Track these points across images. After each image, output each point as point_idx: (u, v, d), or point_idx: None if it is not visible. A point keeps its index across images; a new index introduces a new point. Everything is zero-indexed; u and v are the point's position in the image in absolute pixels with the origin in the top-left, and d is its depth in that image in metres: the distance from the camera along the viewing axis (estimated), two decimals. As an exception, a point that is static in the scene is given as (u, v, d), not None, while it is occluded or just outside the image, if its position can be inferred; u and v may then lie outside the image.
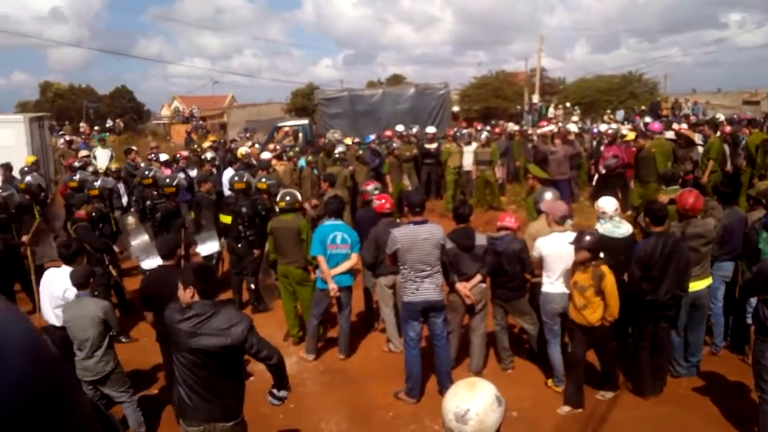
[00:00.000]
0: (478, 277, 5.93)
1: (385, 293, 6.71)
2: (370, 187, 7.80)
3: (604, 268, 5.17)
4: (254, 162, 12.04)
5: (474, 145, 13.47)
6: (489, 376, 6.09)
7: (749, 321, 5.54)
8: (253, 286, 8.14)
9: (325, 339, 7.11)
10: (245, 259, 8.09)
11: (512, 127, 17.78)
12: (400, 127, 15.10)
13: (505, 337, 6.27)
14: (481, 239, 5.97)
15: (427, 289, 5.46)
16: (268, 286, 7.84)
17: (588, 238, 5.19)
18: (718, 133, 11.35)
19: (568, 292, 5.59)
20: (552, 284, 5.63)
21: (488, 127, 16.95)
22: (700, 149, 10.90)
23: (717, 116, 15.86)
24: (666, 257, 5.24)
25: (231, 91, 57.81)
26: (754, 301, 5.16)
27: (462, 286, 5.89)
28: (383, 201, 6.84)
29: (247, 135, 24.66)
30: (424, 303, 5.49)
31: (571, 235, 5.67)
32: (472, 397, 2.22)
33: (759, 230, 5.81)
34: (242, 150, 13.55)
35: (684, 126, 13.91)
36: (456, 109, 25.90)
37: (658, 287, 5.27)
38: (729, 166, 10.87)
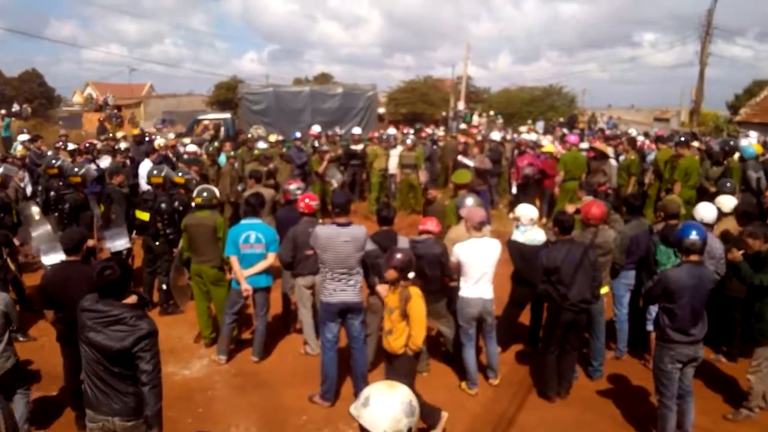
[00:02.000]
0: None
1: (303, 294, 6.59)
2: (293, 186, 7.65)
3: (413, 290, 4.68)
4: (170, 155, 11.59)
5: (399, 148, 13.55)
6: (404, 380, 6.12)
7: (650, 328, 5.84)
8: (164, 286, 7.80)
9: (239, 341, 6.91)
10: (162, 258, 7.75)
11: (438, 132, 18.06)
12: (316, 128, 15.02)
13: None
14: (403, 242, 5.97)
15: (345, 290, 5.41)
16: (181, 286, 7.53)
17: (399, 255, 4.70)
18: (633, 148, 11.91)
19: (485, 297, 5.72)
20: (469, 289, 5.71)
21: (413, 131, 17.11)
22: (613, 162, 11.40)
23: (630, 131, 16.70)
24: (574, 264, 5.42)
25: (149, 80, 55.72)
26: (654, 308, 5.44)
27: (382, 289, 5.86)
28: (308, 200, 6.71)
29: (165, 126, 23.76)
30: (342, 304, 5.43)
31: (489, 242, 5.80)
32: (385, 393, 2.16)
33: (657, 242, 6.13)
34: (160, 141, 13.01)
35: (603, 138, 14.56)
36: (382, 111, 26.03)
37: (567, 293, 5.44)
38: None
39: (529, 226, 6.29)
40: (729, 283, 6.09)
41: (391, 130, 16.37)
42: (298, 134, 13.67)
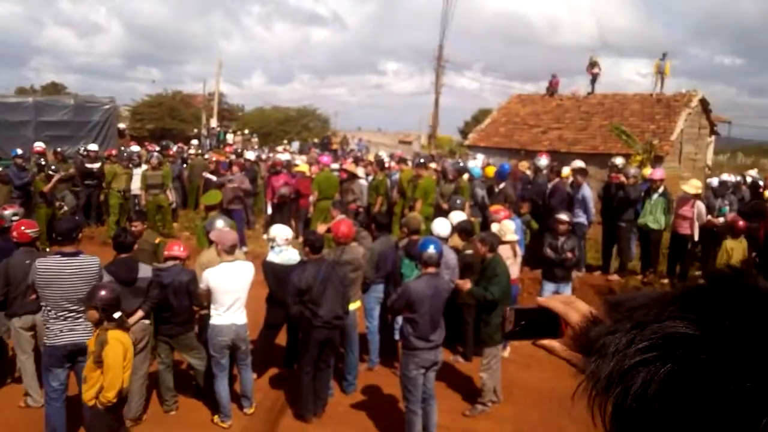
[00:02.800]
0: (140, 314, 5.39)
1: (21, 337, 5.61)
2: (8, 212, 6.54)
3: (112, 334, 4.12)
4: None
5: (144, 167, 12.57)
6: (151, 422, 5.57)
7: (397, 337, 6.19)
8: None
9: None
10: None
11: (189, 150, 17.22)
12: (40, 144, 13.26)
13: (169, 376, 5.82)
14: (146, 271, 5.45)
15: (74, 330, 4.73)
16: None
17: (102, 293, 4.20)
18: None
19: (238, 323, 5.48)
20: (220, 316, 5.43)
21: (158, 148, 16.06)
22: (363, 182, 11.98)
23: (379, 153, 17.77)
24: (323, 282, 5.50)
25: None
26: (401, 319, 5.77)
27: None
28: (24, 228, 5.75)
29: None
30: (71, 346, 4.75)
31: (242, 265, 5.59)
32: None
33: (402, 256, 6.55)
34: None
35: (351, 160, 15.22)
36: (122, 126, 24.01)
37: (319, 311, 5.48)
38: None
39: (285, 247, 6.23)
40: (460, 291, 6.73)
41: (134, 147, 15.16)
42: (19, 151, 11.87)
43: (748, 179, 12.26)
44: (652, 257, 9.67)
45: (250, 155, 14.64)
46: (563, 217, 7.84)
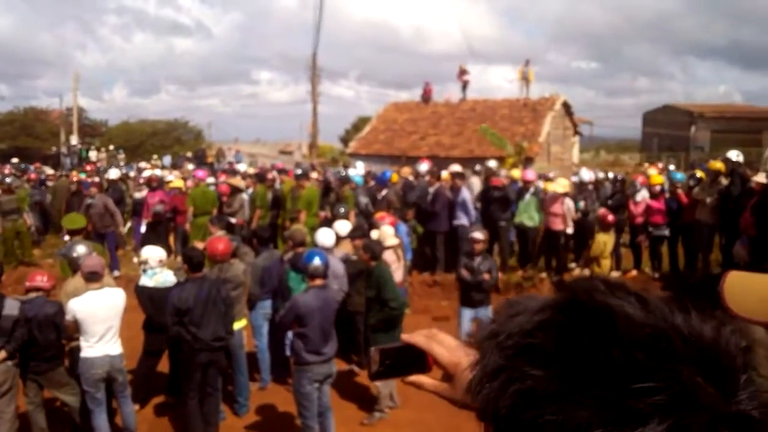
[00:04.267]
0: (2, 354, 4.85)
1: None
2: None
3: None
4: None
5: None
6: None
7: (289, 353, 6.01)
8: None
9: None
10: None
11: (47, 170, 15.89)
12: None
13: (41, 416, 5.32)
14: (12, 307, 4.92)
15: None
16: None
17: None
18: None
19: (112, 353, 5.08)
20: (92, 348, 4.99)
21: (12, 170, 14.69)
22: (244, 195, 11.63)
23: (261, 164, 17.36)
24: (204, 302, 5.22)
25: None
26: (291, 334, 5.61)
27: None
28: None
29: None
30: None
31: (111, 292, 5.19)
32: None
33: (288, 270, 6.39)
34: None
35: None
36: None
37: (199, 333, 5.20)
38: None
39: (158, 269, 5.86)
40: (350, 299, 6.70)
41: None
42: None
43: (611, 175, 13.25)
44: (530, 253, 10.20)
45: (113, 174, 13.64)
46: (478, 235, 7.15)
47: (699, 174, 10.23)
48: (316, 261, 5.05)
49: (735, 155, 9.20)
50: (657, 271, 9.75)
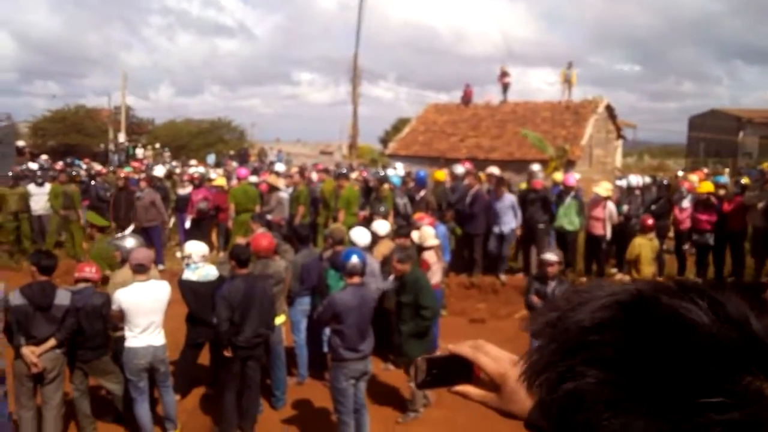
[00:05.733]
0: (51, 342, 5.05)
1: None
2: None
3: None
4: None
5: (47, 185, 11.84)
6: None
7: (326, 349, 6.07)
8: None
9: None
10: None
11: (95, 165, 16.40)
12: None
13: (86, 403, 5.49)
14: (64, 297, 5.12)
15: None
16: None
17: None
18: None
19: (156, 344, 5.23)
20: (136, 338, 5.15)
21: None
22: (283, 194, 11.79)
23: (302, 164, 17.53)
24: (248, 298, 5.33)
25: None
26: (329, 330, 5.67)
27: (29, 351, 4.92)
28: None
29: None
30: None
31: (156, 284, 5.34)
32: None
33: (327, 268, 6.46)
34: None
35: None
36: (21, 143, 22.61)
37: (242, 327, 5.30)
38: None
39: (201, 263, 6.00)
40: (387, 298, 6.71)
41: (32, 165, 14.26)
42: None
43: (657, 179, 12.96)
44: (570, 257, 10.05)
45: (159, 171, 14.03)
46: (551, 257, 6.37)
47: (744, 180, 9.94)
48: (354, 259, 5.09)
49: (787, 161, 8.90)
50: (702, 279, 9.50)
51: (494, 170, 10.87)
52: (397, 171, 13.28)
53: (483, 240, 9.90)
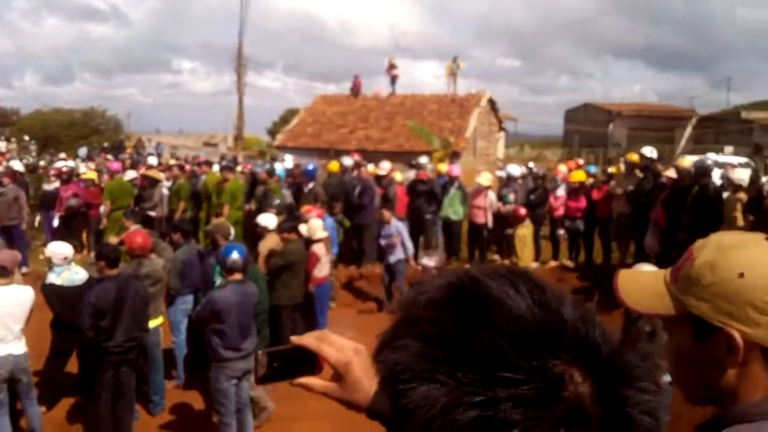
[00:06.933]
0: None
1: None
2: None
3: None
4: None
5: None
6: None
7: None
8: None
9: None
10: None
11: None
12: None
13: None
14: None
15: None
16: None
17: None
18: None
19: (15, 353, 4.78)
20: (-7, 348, 4.67)
21: None
22: (164, 189, 11.21)
23: (184, 156, 16.79)
24: (119, 300, 4.99)
25: None
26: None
27: None
28: None
29: None
30: None
31: (16, 290, 4.88)
32: None
33: (213, 264, 6.20)
34: None
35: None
36: None
37: (114, 332, 4.96)
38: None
39: (65, 266, 5.55)
40: (275, 294, 6.57)
41: None
42: None
43: (534, 170, 13.59)
44: (454, 246, 10.36)
45: (16, 165, 12.61)
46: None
47: (611, 170, 10.69)
48: (234, 255, 4.91)
49: (649, 151, 9.63)
50: (574, 263, 10.13)
51: (385, 165, 10.97)
52: (286, 163, 13.05)
53: (372, 231, 9.95)
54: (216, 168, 12.39)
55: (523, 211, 9.10)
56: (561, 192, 10.26)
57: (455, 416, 0.53)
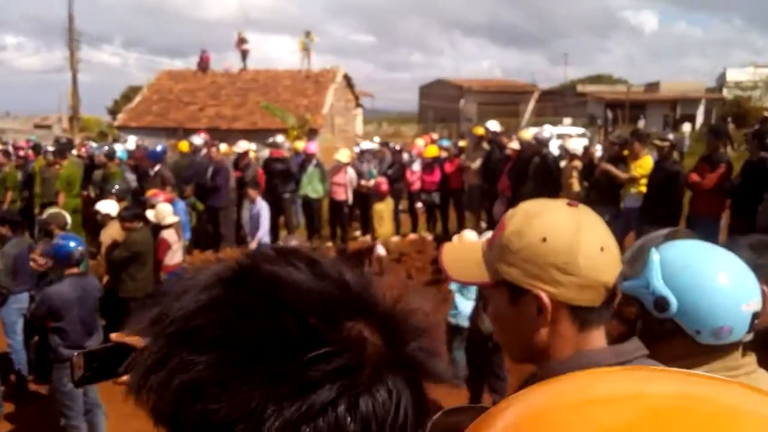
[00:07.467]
0: None
1: None
2: None
3: None
4: None
5: None
6: None
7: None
8: None
9: None
10: None
11: None
12: None
13: None
14: None
15: None
16: None
17: None
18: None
19: None
20: None
21: None
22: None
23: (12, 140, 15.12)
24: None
25: None
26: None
27: None
28: None
29: None
30: None
31: None
32: None
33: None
34: None
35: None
36: None
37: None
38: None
39: None
40: (123, 285, 6.17)
41: None
42: None
43: (391, 145, 13.88)
44: (316, 224, 10.31)
45: None
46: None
47: (462, 144, 11.19)
48: (71, 246, 4.48)
49: (493, 125, 10.16)
50: (432, 233, 10.51)
51: (243, 144, 10.63)
52: (128, 144, 12.16)
53: (228, 213, 9.61)
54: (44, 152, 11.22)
55: (384, 186, 9.22)
56: (417, 167, 10.55)
57: (283, 411, 0.50)
